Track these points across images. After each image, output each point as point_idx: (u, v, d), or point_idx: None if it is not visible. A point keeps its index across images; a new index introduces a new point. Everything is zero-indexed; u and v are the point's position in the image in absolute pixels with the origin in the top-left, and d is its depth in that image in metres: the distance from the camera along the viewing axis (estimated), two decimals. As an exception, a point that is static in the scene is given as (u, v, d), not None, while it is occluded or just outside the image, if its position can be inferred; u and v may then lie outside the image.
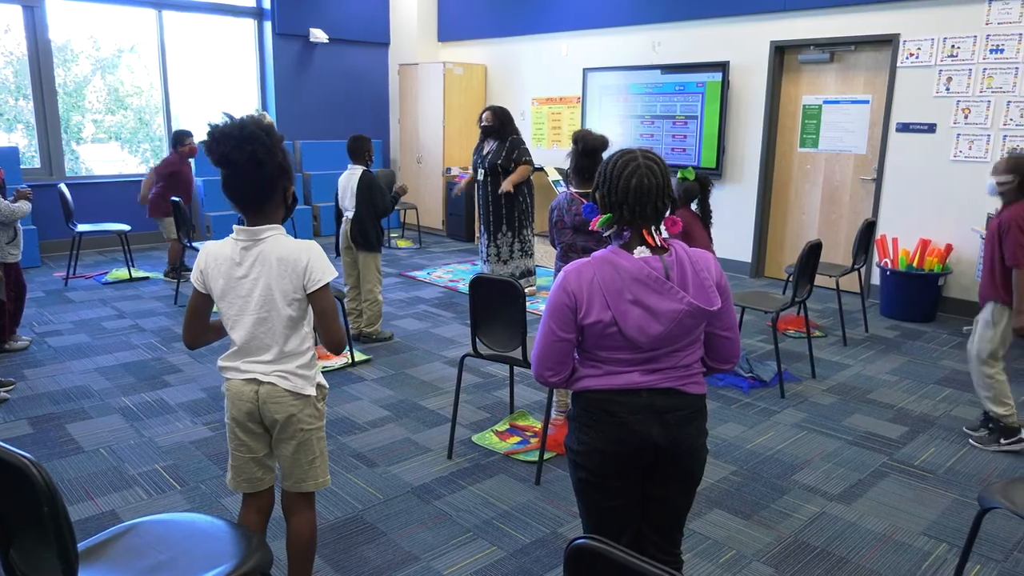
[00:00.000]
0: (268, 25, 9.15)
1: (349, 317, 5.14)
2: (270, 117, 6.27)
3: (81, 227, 6.87)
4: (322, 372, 2.29)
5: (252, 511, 2.30)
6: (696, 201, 4.21)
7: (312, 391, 2.15)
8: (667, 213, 1.95)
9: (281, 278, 2.06)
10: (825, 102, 6.62)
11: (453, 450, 3.52)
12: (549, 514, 3.01)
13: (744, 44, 6.92)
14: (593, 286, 1.90)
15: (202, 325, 2.18)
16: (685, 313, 1.85)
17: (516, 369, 3.98)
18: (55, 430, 3.74)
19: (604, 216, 1.94)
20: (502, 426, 3.82)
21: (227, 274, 2.09)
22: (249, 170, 2.00)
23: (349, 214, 5.01)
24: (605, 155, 2.59)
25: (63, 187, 6.79)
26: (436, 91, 9.19)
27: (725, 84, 6.97)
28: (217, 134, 2.01)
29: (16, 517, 1.68)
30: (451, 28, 9.73)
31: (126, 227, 7.13)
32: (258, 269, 2.07)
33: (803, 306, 4.63)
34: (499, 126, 6.10)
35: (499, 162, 6.05)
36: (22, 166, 7.44)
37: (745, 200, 7.07)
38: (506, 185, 6.00)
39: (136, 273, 7.08)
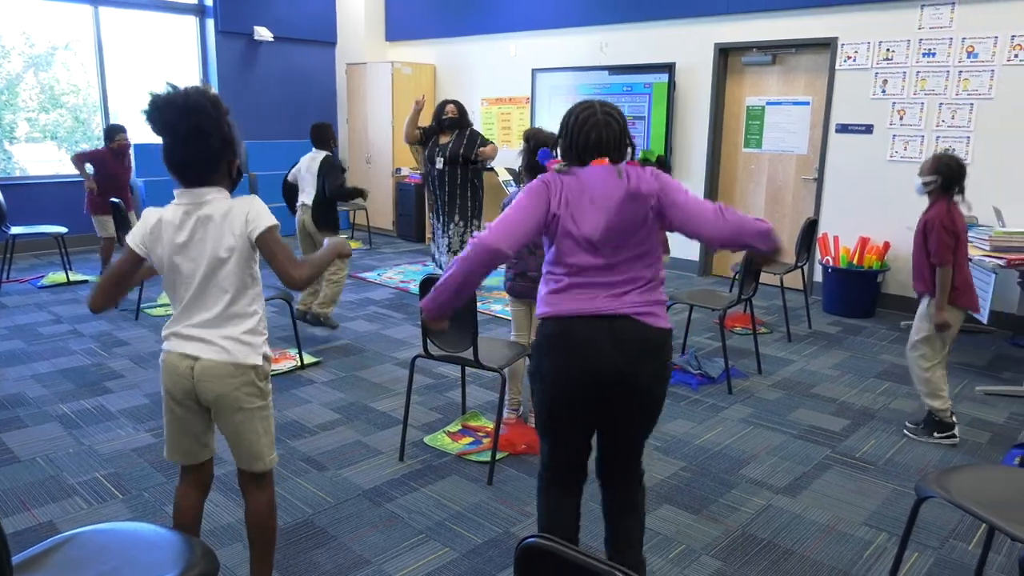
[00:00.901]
0: (210, 23, 8.95)
1: (302, 294, 5.16)
2: (214, 89, 6.11)
3: (15, 229, 6.62)
4: (271, 375, 2.24)
5: (189, 485, 2.26)
6: None
7: (257, 359, 2.08)
8: (628, 158, 2.14)
9: (226, 235, 2.01)
10: (768, 103, 6.77)
11: (405, 452, 3.50)
12: (502, 514, 3.01)
13: (689, 46, 7.04)
14: (561, 188, 2.09)
15: (121, 290, 2.09)
16: (627, 195, 2.04)
17: (468, 370, 3.97)
18: (-12, 440, 3.59)
19: (563, 164, 2.14)
20: (454, 427, 3.81)
21: (169, 237, 2.02)
22: (193, 141, 1.96)
23: (307, 199, 5.00)
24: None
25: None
26: (384, 91, 9.12)
27: (671, 85, 7.08)
28: (160, 102, 1.96)
29: (-56, 532, 1.60)
30: (399, 27, 9.67)
31: (63, 229, 6.89)
32: (201, 232, 2.01)
33: (749, 303, 4.73)
34: (461, 118, 6.14)
35: (461, 151, 6.06)
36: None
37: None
38: (489, 150, 6.05)
39: (74, 276, 6.85)
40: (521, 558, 1.26)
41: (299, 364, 4.63)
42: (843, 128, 6.26)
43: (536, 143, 3.52)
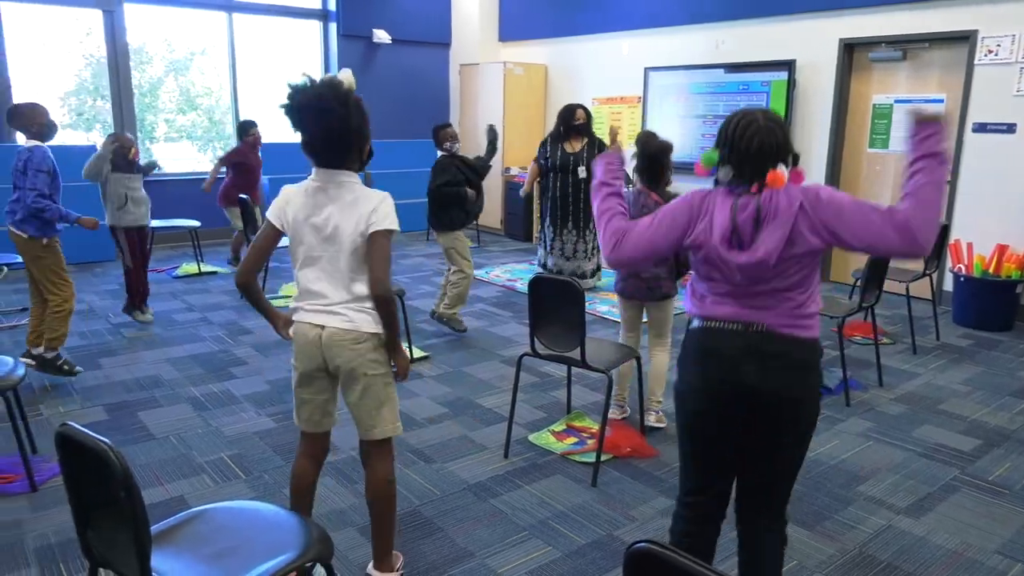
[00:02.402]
0: (333, 27, 9.33)
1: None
2: (351, 77, 6.27)
3: (154, 223, 7.10)
4: None
5: (306, 456, 2.42)
6: None
7: (377, 328, 2.20)
8: (790, 167, 1.99)
9: (350, 219, 2.13)
10: (896, 101, 6.40)
11: (509, 449, 3.53)
12: (605, 516, 2.99)
13: (811, 42, 6.75)
14: (705, 208, 1.99)
15: (262, 261, 2.26)
16: (750, 265, 1.90)
17: (574, 370, 3.97)
18: (128, 417, 3.89)
19: (722, 168, 2.00)
20: (559, 426, 3.81)
21: (302, 213, 2.17)
22: (326, 139, 2.10)
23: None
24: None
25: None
26: (496, 91, 9.23)
27: (791, 83, 6.82)
28: (295, 103, 2.09)
29: (94, 500, 1.75)
30: (512, 28, 9.76)
31: (196, 223, 7.37)
32: (330, 210, 2.14)
33: (871, 312, 4.50)
34: (588, 124, 6.22)
35: (583, 156, 6.15)
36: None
37: (810, 202, 6.90)
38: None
39: (205, 268, 7.31)
40: (630, 563, 1.24)
41: (409, 357, 4.75)
42: (981, 127, 5.83)
43: (646, 149, 3.49)
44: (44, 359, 4.27)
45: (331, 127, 2.08)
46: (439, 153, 5.22)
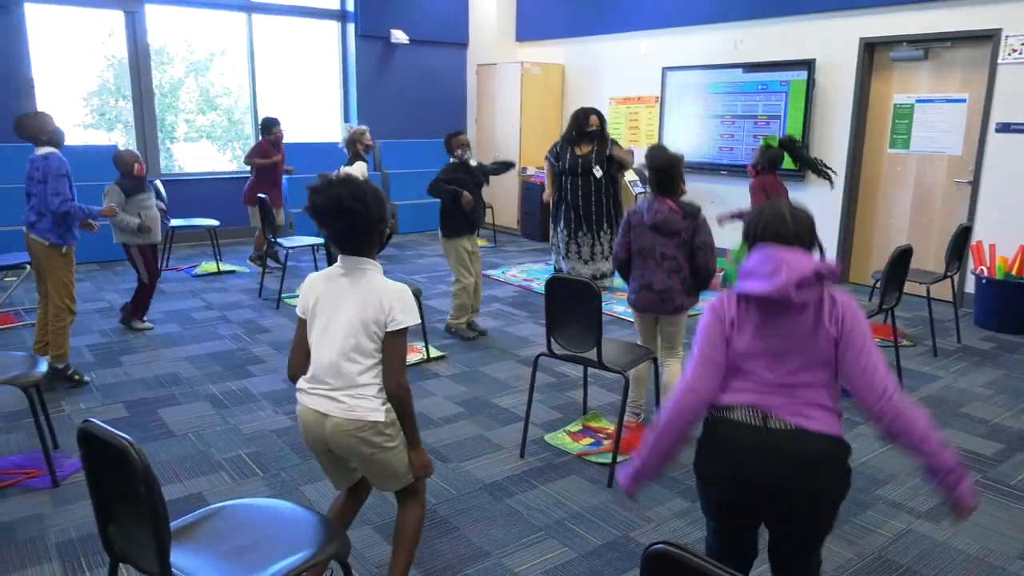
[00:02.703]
0: (351, 27, 9.37)
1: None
2: (366, 133, 6.31)
3: (174, 222, 7.19)
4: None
5: (347, 496, 2.43)
6: (795, 162, 4.56)
7: (380, 416, 2.16)
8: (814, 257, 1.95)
9: (367, 309, 2.15)
10: (918, 101, 6.34)
11: (525, 449, 3.53)
12: (621, 517, 2.99)
13: (831, 41, 6.69)
14: (732, 311, 1.96)
15: (305, 352, 2.25)
16: (775, 290, 1.84)
17: (590, 370, 3.96)
18: (148, 414, 3.93)
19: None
20: (575, 427, 3.81)
21: (322, 296, 2.21)
22: (347, 234, 2.16)
23: None
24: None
25: (159, 183, 7.12)
26: (513, 91, 9.23)
27: (811, 83, 6.76)
28: (317, 205, 2.13)
29: (115, 496, 1.77)
30: (529, 28, 9.76)
31: (215, 222, 7.44)
32: (349, 297, 2.17)
33: (891, 314, 4.45)
34: (603, 127, 6.22)
35: (593, 158, 6.11)
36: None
37: (830, 203, 6.83)
38: (623, 154, 6.15)
39: (224, 266, 7.37)
40: (648, 565, 1.24)
41: (425, 357, 4.78)
42: (1004, 127, 5.76)
43: (655, 165, 3.48)
44: (55, 369, 4.21)
45: (351, 225, 2.14)
46: (450, 159, 5.21)
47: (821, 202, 6.95)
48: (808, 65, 6.76)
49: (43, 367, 3.25)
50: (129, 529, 1.78)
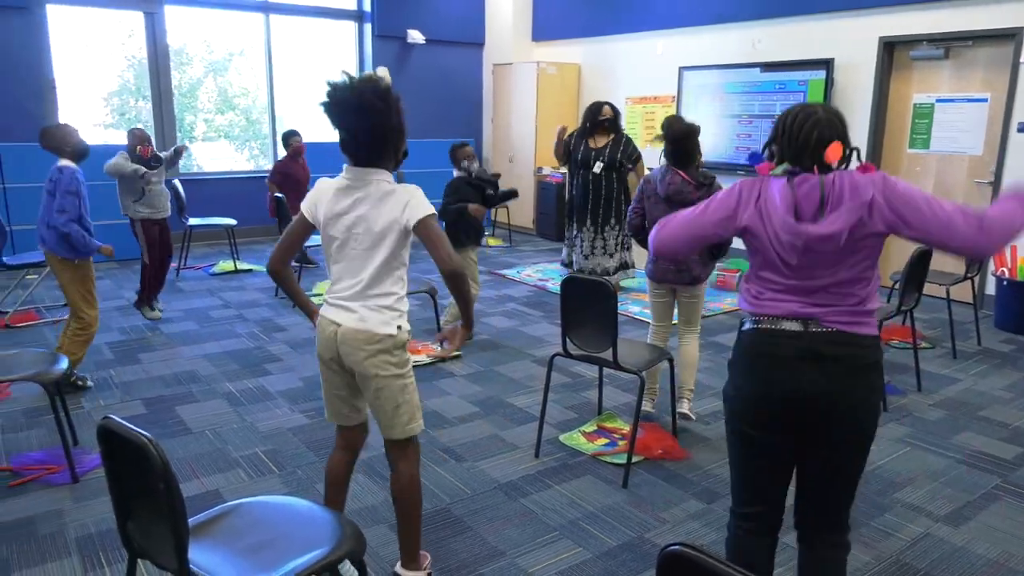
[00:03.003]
0: (368, 27, 9.41)
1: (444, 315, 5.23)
2: (387, 75, 6.43)
3: (192, 220, 7.25)
4: (412, 366, 2.34)
5: (339, 447, 2.45)
6: None
7: (392, 330, 2.17)
8: (850, 163, 1.94)
9: (382, 215, 2.12)
10: (938, 101, 6.27)
11: (540, 449, 3.53)
12: (636, 518, 2.98)
13: (850, 40, 6.64)
14: (754, 196, 1.95)
15: (292, 250, 2.28)
16: (822, 238, 1.83)
17: (605, 370, 3.95)
18: (166, 411, 3.96)
19: (779, 166, 1.95)
20: (590, 427, 3.80)
21: (331, 207, 2.18)
22: (365, 136, 2.10)
23: None
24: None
25: (177, 183, 7.18)
26: (529, 91, 9.23)
27: (829, 82, 6.71)
28: (335, 100, 2.10)
29: (134, 492, 1.79)
30: (545, 27, 9.75)
31: (233, 221, 7.49)
32: (360, 208, 2.15)
33: (910, 315, 4.41)
34: (615, 119, 6.17)
35: (619, 157, 6.08)
36: (140, 162, 7.90)
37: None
38: (634, 179, 6.14)
39: (241, 265, 7.42)
40: (664, 566, 1.23)
41: (440, 357, 4.78)
42: (1027, 127, 5.69)
43: (672, 133, 3.47)
44: (72, 373, 4.22)
45: (371, 124, 2.09)
46: (455, 173, 5.13)
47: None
48: (826, 64, 6.71)
49: (64, 364, 3.28)
50: (148, 525, 1.80)
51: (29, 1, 7.25)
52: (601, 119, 6.12)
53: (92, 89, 8.17)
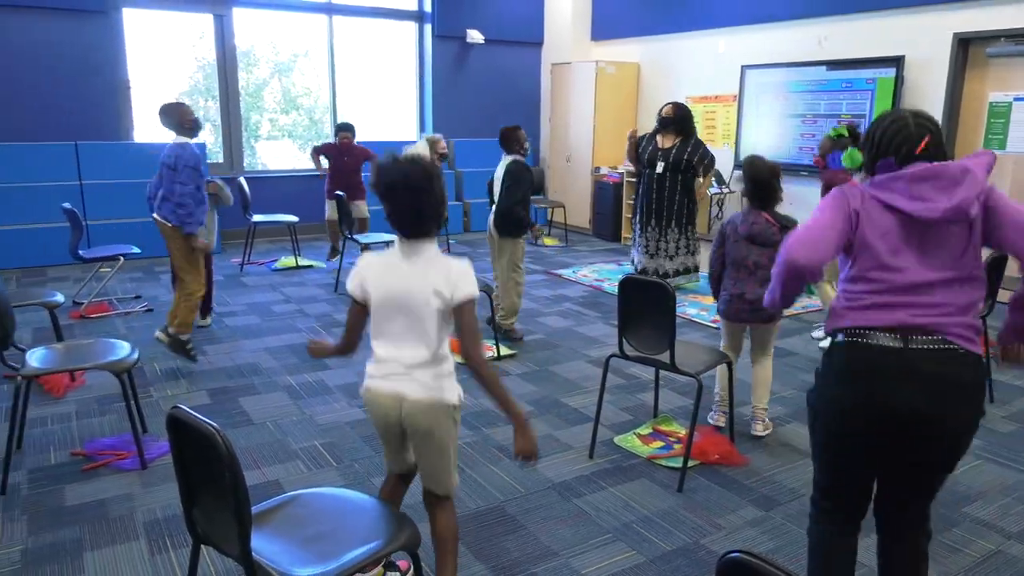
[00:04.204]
0: (428, 28, 9.50)
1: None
2: (440, 141, 6.71)
3: (256, 217, 7.44)
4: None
5: (393, 483, 2.47)
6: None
7: (454, 399, 2.21)
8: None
9: (431, 283, 2.16)
10: (1016, 99, 6.01)
11: (594, 449, 3.52)
12: (691, 523, 2.94)
13: (922, 37, 6.41)
14: (862, 199, 1.92)
15: (357, 337, 2.31)
16: (950, 209, 1.78)
17: (661, 373, 3.91)
18: (229, 402, 4.08)
19: (853, 158, 1.96)
20: (645, 429, 3.77)
21: (384, 279, 2.21)
22: (414, 216, 2.16)
23: (495, 205, 5.11)
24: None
25: (242, 180, 7.39)
26: (588, 90, 9.19)
27: (899, 80, 6.50)
28: (385, 184, 2.16)
29: (200, 479, 1.84)
30: (605, 26, 9.69)
31: (294, 218, 7.66)
32: (414, 277, 2.18)
33: (983, 323, 4.24)
34: (678, 119, 6.07)
35: (684, 158, 6.00)
36: (208, 161, 8.15)
37: (917, 206, 6.57)
38: (702, 188, 6.08)
39: (302, 261, 7.58)
40: (723, 573, 1.21)
41: (495, 355, 4.80)
42: (1113, 127, 5.41)
43: (755, 176, 3.43)
44: (177, 339, 4.57)
45: (419, 203, 2.15)
46: (511, 157, 5.02)
47: (908, 205, 6.68)
48: (896, 62, 6.50)
49: (135, 355, 3.40)
50: (212, 512, 1.85)
51: (107, 5, 7.54)
52: (662, 117, 6.07)
53: (164, 90, 8.46)
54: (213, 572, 2.58)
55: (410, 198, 2.14)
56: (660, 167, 6.06)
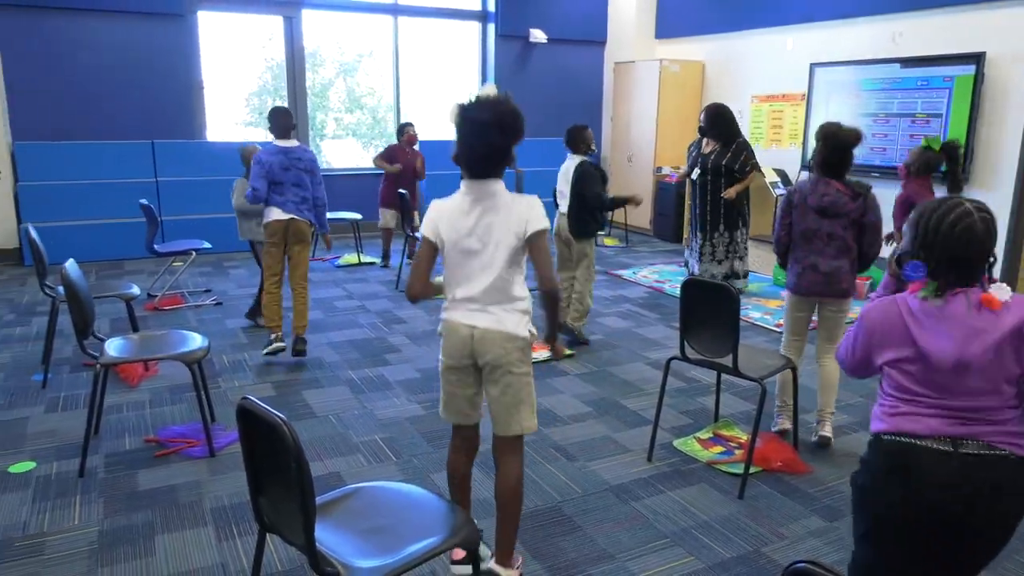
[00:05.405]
0: (491, 27, 9.55)
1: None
2: (512, 99, 6.67)
3: (320, 215, 7.59)
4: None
5: (457, 448, 2.52)
6: (945, 172, 4.45)
7: (525, 333, 2.30)
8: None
9: (505, 224, 2.23)
10: (1108, 98, 5.70)
11: (653, 452, 3.48)
12: (752, 531, 2.88)
13: (1005, 32, 6.13)
14: (891, 323, 1.84)
15: (426, 276, 2.36)
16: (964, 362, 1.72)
17: (723, 377, 3.84)
18: (294, 395, 4.18)
19: (929, 285, 1.79)
20: (705, 433, 3.71)
21: (457, 223, 2.28)
22: (491, 148, 2.21)
23: (563, 206, 5.06)
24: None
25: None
26: (651, 89, 9.09)
27: (979, 78, 6.23)
28: (476, 120, 2.19)
29: (267, 469, 1.89)
30: (669, 25, 9.57)
31: (358, 216, 7.80)
32: (487, 218, 2.24)
33: None
34: (709, 124, 5.93)
35: (723, 163, 5.88)
36: (276, 159, 8.37)
37: (996, 209, 6.28)
38: (730, 192, 5.88)
39: (364, 258, 7.72)
40: (789, 583, 1.19)
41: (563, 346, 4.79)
42: None
43: (837, 143, 3.28)
44: (304, 340, 4.74)
45: (505, 144, 2.21)
46: (579, 158, 5.00)
47: (986, 208, 6.40)
48: (977, 59, 6.23)
49: (206, 346, 3.51)
50: (278, 502, 1.90)
51: (184, 8, 7.81)
52: (699, 124, 6.01)
53: (235, 90, 8.72)
54: (276, 560, 2.65)
55: (500, 138, 2.18)
56: (695, 173, 5.98)
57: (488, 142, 2.20)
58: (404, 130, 7.40)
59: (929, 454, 1.74)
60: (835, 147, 3.28)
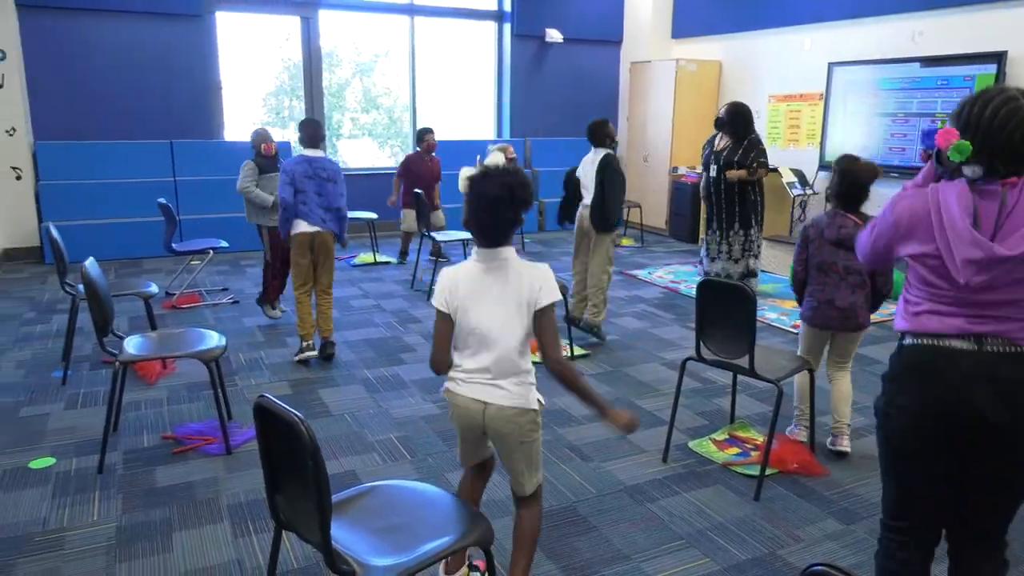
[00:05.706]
0: (507, 27, 9.55)
1: (572, 300, 5.22)
2: (509, 148, 6.91)
3: (336, 214, 7.62)
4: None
5: (472, 476, 2.52)
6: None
7: (535, 404, 2.25)
8: None
9: (516, 294, 2.19)
10: None
11: (668, 453, 3.47)
12: (768, 533, 2.86)
13: (1028, 32, 6.06)
14: (917, 217, 1.81)
15: (447, 349, 2.32)
16: (989, 261, 1.68)
17: (739, 378, 3.82)
18: (309, 393, 4.20)
19: (961, 150, 1.71)
20: (720, 435, 3.69)
21: (467, 290, 2.24)
22: (500, 223, 2.19)
23: (587, 198, 5.06)
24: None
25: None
26: (667, 89, 9.06)
27: (1000, 77, 6.16)
28: (487, 194, 2.17)
29: (284, 467, 1.91)
30: (686, 24, 9.54)
31: (374, 215, 7.83)
32: (498, 286, 2.21)
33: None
34: (728, 120, 5.90)
35: (735, 159, 5.84)
36: (292, 158, 8.43)
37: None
38: (732, 175, 5.83)
39: (380, 258, 7.75)
40: (806, 585, 1.18)
41: (569, 355, 4.79)
42: None
43: (855, 179, 3.27)
44: (332, 343, 4.76)
45: (515, 217, 2.19)
46: (603, 151, 5.00)
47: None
48: (998, 58, 6.16)
49: (223, 344, 3.54)
50: (294, 499, 1.91)
51: (202, 9, 7.87)
52: (716, 118, 5.99)
53: (252, 90, 8.78)
54: (292, 558, 2.67)
55: (511, 211, 2.17)
56: (713, 170, 5.94)
57: (497, 215, 2.19)
58: (424, 137, 7.39)
59: (953, 354, 1.73)
60: (851, 182, 3.28)
